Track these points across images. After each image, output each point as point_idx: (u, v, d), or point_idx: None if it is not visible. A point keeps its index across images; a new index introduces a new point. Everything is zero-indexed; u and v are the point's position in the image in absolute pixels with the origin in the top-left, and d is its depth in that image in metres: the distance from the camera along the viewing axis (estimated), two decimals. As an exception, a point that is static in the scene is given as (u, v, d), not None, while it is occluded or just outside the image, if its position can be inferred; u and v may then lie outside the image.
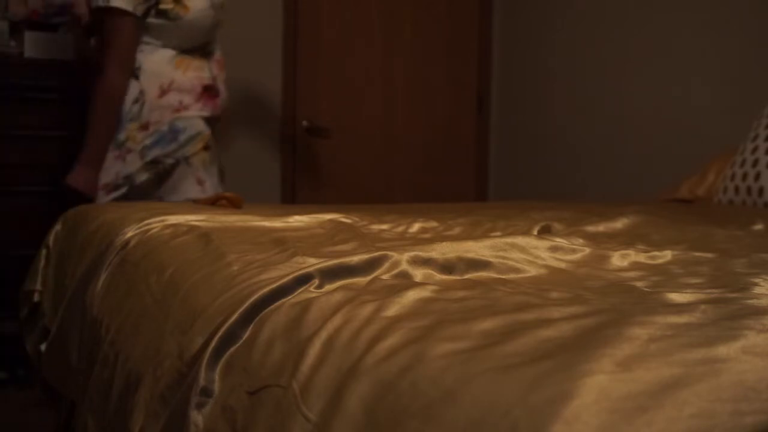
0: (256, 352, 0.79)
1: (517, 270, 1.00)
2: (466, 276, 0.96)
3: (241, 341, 0.83)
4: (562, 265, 1.04)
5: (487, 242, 1.06)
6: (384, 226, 1.42)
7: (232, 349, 0.83)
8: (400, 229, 1.41)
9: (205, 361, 0.82)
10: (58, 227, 1.85)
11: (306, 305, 0.81)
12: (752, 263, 1.03)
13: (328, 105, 3.46)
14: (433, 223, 1.45)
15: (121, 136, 2.13)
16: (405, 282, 0.89)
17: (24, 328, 1.82)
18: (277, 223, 1.40)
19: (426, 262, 0.97)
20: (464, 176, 3.80)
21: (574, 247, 1.11)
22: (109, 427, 1.08)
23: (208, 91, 2.17)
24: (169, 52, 2.13)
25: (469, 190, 3.77)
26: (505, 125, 3.90)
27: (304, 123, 3.44)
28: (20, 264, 2.02)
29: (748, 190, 2.03)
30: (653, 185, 2.75)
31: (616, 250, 1.10)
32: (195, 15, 2.08)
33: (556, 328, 0.64)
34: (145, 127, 2.13)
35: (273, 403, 0.71)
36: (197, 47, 2.15)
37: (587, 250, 1.10)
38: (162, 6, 2.07)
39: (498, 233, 1.34)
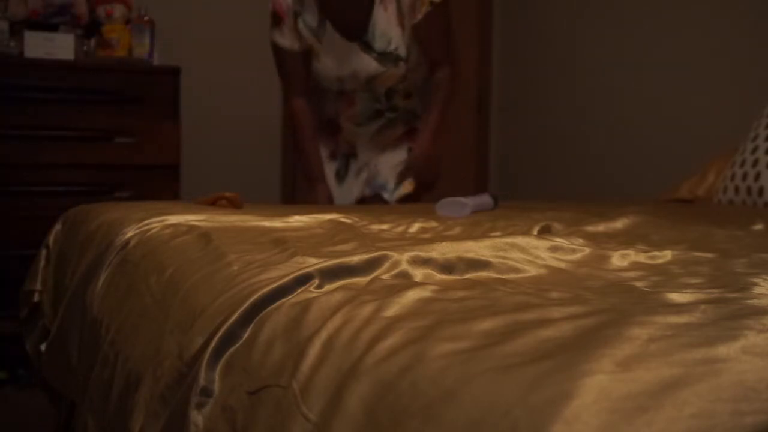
0: (256, 352, 0.79)
1: (517, 270, 1.00)
2: (466, 276, 0.96)
3: (241, 341, 0.83)
4: (562, 265, 1.03)
5: (487, 242, 1.06)
6: (384, 226, 1.42)
7: (232, 349, 0.83)
8: (400, 229, 1.41)
9: (205, 361, 0.82)
10: (58, 227, 1.85)
11: (306, 305, 0.81)
12: (752, 263, 1.03)
13: (328, 105, 3.45)
14: (433, 223, 1.45)
15: None
16: (405, 282, 0.89)
17: (24, 328, 1.82)
18: (277, 223, 1.40)
19: (426, 262, 0.97)
20: (464, 176, 3.79)
21: (574, 247, 1.11)
22: (109, 427, 1.08)
23: (328, 128, 2.35)
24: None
25: (469, 190, 3.77)
26: (505, 125, 3.90)
27: (305, 123, 3.43)
28: (20, 264, 2.02)
29: (748, 190, 2.03)
30: (653, 185, 2.74)
31: (616, 250, 1.10)
32: (319, 70, 2.21)
33: (556, 328, 0.64)
34: None
35: (273, 403, 0.71)
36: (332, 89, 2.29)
37: (587, 250, 1.10)
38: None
39: (498, 233, 1.33)
